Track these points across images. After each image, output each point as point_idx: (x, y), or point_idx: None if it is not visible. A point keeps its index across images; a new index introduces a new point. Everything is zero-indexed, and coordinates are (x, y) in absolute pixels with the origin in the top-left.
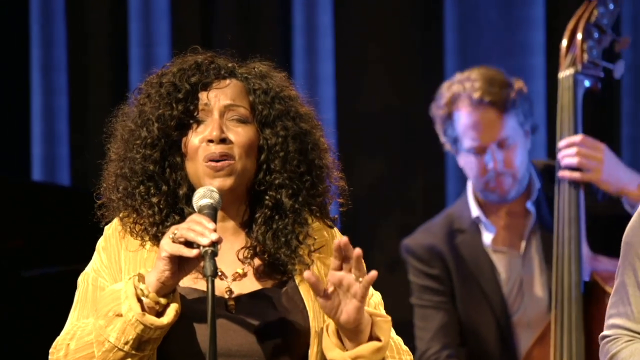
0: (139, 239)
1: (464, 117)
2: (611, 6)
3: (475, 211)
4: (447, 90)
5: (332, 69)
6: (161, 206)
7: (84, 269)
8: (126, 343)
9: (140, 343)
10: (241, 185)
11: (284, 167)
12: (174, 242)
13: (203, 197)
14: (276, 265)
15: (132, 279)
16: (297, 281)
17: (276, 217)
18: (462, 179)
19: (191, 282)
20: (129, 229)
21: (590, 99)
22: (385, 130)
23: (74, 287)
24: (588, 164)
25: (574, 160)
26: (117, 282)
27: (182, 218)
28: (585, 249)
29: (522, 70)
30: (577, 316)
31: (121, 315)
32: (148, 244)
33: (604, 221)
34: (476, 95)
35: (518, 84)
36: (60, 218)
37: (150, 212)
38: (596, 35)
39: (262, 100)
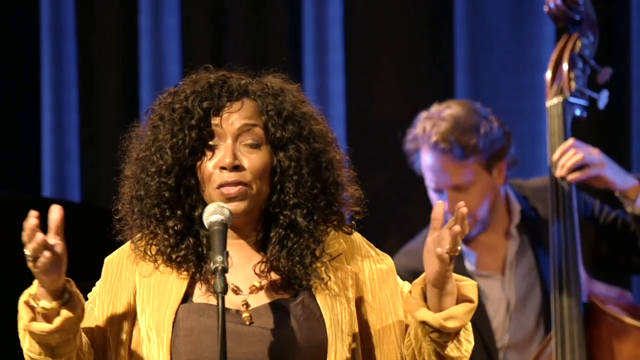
0: (152, 262)
1: (423, 156)
2: (591, 38)
3: None
4: (416, 126)
5: (342, 85)
6: (176, 229)
7: (95, 284)
8: (39, 353)
9: (51, 349)
10: (256, 207)
11: (298, 190)
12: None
13: (213, 213)
14: (292, 278)
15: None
16: (314, 292)
17: (291, 235)
18: None
19: (205, 298)
20: (142, 253)
21: (576, 127)
22: (395, 146)
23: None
24: (592, 159)
25: (578, 157)
26: (110, 310)
27: (197, 240)
28: (581, 271)
29: (532, 86)
30: (579, 336)
31: None
32: (162, 266)
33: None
34: (433, 139)
35: (486, 127)
36: (70, 234)
37: (165, 235)
38: (580, 65)
39: (275, 123)
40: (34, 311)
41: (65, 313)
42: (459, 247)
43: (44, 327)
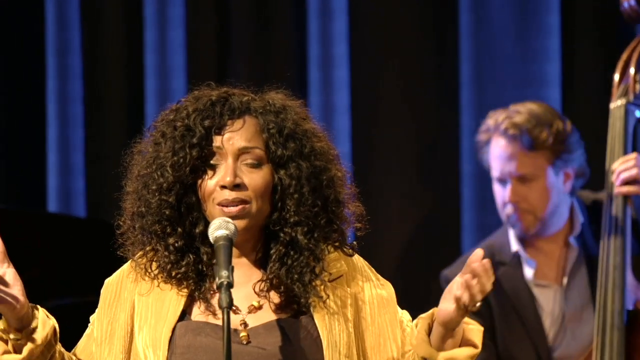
0: (151, 279)
1: (492, 146)
2: None
3: (514, 245)
4: (491, 117)
5: (347, 100)
6: (177, 246)
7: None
8: None
9: None
10: (256, 225)
11: (299, 208)
12: None
13: (219, 228)
14: (292, 297)
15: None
16: (312, 311)
17: (291, 253)
18: (477, 210)
19: (203, 317)
20: (142, 270)
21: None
22: (400, 161)
23: (88, 319)
24: None
25: (632, 172)
26: (108, 331)
27: (198, 257)
28: (630, 278)
29: (536, 100)
30: (620, 344)
31: None
32: (161, 284)
33: None
34: (504, 126)
35: (559, 125)
36: (75, 249)
37: (165, 252)
38: None
39: (276, 141)
40: (7, 343)
41: (29, 345)
42: (478, 304)
43: (13, 358)
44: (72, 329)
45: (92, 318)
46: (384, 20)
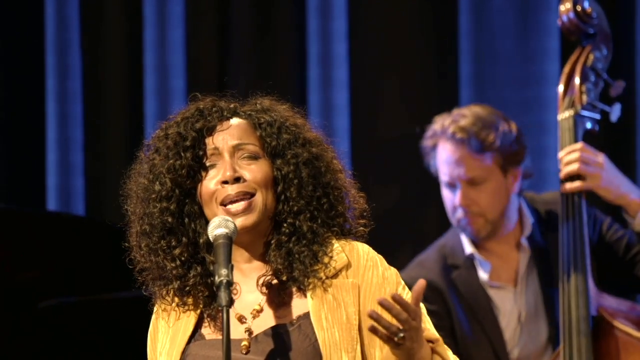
0: (170, 308)
1: (440, 151)
2: (604, 51)
3: (468, 248)
4: (436, 122)
5: (347, 99)
6: (183, 258)
7: (99, 299)
8: None
9: None
10: (264, 220)
11: (300, 194)
12: None
13: (218, 226)
14: (292, 289)
15: None
16: (310, 309)
17: (293, 239)
18: None
19: (215, 335)
20: (162, 298)
21: (588, 140)
22: (400, 161)
23: (89, 318)
24: (588, 170)
25: (574, 167)
26: None
27: (204, 267)
28: (591, 285)
29: (537, 101)
30: (587, 350)
31: None
32: (181, 309)
33: (607, 259)
34: (451, 130)
35: (505, 127)
36: (75, 248)
37: (172, 265)
38: (593, 78)
39: (269, 133)
40: None
41: None
42: (401, 335)
43: None
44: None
45: None
46: (384, 20)
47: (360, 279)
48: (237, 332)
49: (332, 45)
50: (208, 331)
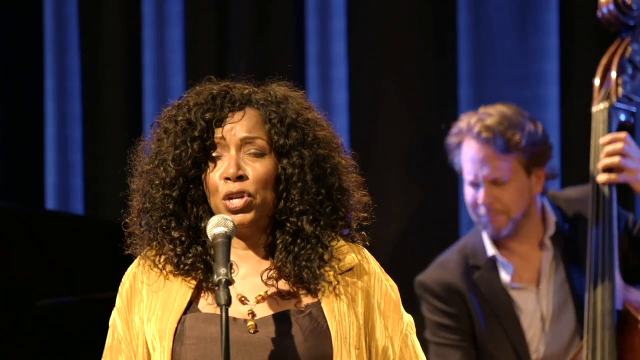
0: (159, 270)
1: (464, 149)
2: None
3: (490, 250)
4: (461, 120)
5: (346, 98)
6: (182, 239)
7: (99, 297)
8: None
9: None
10: (262, 217)
11: (303, 197)
12: None
13: (217, 225)
14: (300, 288)
15: None
16: (321, 301)
17: (298, 241)
18: None
19: (212, 308)
20: (151, 263)
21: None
22: (399, 159)
23: (88, 317)
24: (627, 164)
25: (616, 160)
26: (129, 327)
27: (204, 249)
28: (618, 279)
29: (536, 100)
30: (611, 344)
31: None
32: (170, 276)
33: (634, 253)
34: (476, 129)
35: (531, 127)
36: (74, 247)
37: (171, 245)
38: (630, 71)
39: (278, 130)
40: None
41: None
42: None
43: None
44: (72, 327)
45: (111, 325)
46: (383, 19)
47: (368, 286)
48: (237, 311)
49: (331, 45)
50: (203, 304)
